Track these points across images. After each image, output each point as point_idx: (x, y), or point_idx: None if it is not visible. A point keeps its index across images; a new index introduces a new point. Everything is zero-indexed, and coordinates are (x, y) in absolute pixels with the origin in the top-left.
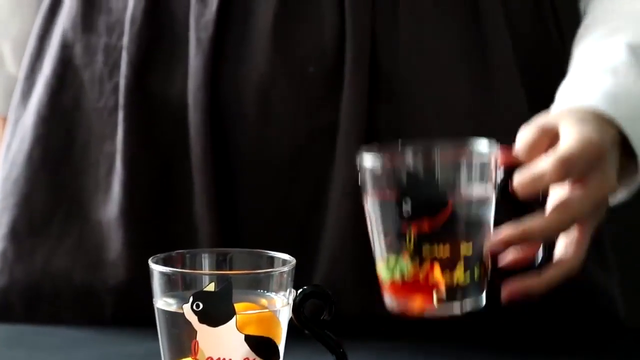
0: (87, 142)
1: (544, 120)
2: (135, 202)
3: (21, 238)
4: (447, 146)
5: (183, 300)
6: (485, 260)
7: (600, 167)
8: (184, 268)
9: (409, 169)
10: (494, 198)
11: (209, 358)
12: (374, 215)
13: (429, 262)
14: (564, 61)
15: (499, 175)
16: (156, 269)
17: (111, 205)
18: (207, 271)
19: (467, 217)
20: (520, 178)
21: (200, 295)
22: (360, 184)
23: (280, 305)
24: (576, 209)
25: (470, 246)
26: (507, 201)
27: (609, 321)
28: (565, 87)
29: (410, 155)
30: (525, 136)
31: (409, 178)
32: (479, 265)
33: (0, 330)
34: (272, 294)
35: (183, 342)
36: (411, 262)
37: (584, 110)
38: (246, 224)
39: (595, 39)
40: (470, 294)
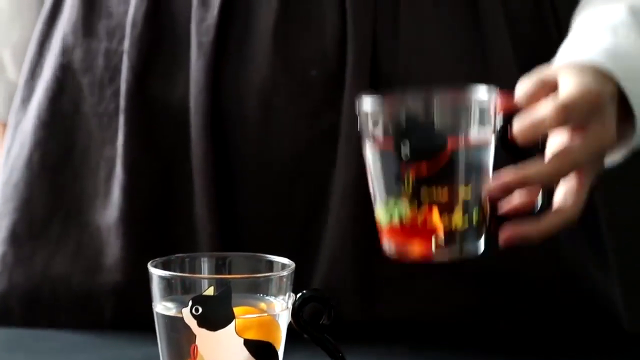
0: (87, 147)
1: (543, 71)
2: (135, 207)
3: (21, 242)
4: (447, 91)
5: (182, 304)
6: (484, 205)
7: (599, 117)
8: (183, 272)
9: (408, 112)
10: (493, 143)
11: None
12: (372, 159)
13: (427, 206)
14: None
15: (498, 121)
16: (155, 273)
17: (111, 210)
18: (207, 275)
19: (466, 161)
20: (520, 123)
21: (200, 300)
22: (359, 128)
23: (279, 309)
24: (576, 156)
25: (469, 190)
26: (506, 148)
27: (609, 322)
28: (566, 45)
29: (409, 99)
30: (524, 85)
31: (407, 121)
32: (477, 210)
33: (0, 334)
34: (272, 298)
35: (182, 347)
36: (409, 206)
37: (584, 64)
38: (247, 226)
39: (595, 5)
40: (469, 239)
